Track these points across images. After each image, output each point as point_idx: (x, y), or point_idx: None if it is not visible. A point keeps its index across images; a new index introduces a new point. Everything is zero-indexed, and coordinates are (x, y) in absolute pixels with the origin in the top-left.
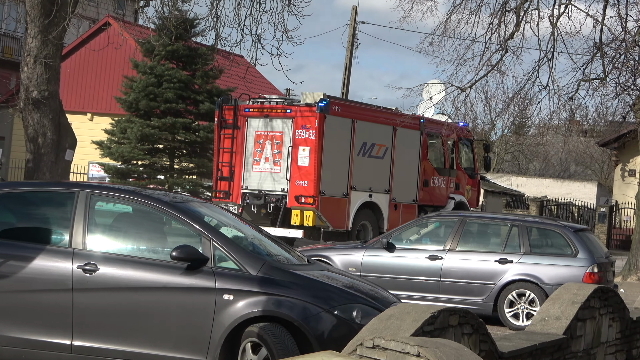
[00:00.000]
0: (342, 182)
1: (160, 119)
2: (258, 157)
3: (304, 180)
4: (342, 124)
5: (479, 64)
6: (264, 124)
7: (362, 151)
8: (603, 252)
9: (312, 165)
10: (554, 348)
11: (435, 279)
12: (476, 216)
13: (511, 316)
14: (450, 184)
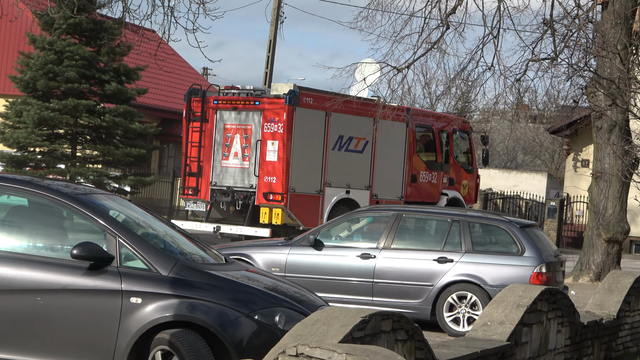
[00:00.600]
0: (315, 178)
1: (61, 100)
2: (227, 152)
3: (273, 177)
4: (314, 117)
5: (417, 41)
6: (233, 117)
7: (337, 145)
8: (552, 250)
9: (281, 160)
10: (497, 356)
11: (367, 280)
12: (413, 210)
13: (451, 321)
14: (444, 179)
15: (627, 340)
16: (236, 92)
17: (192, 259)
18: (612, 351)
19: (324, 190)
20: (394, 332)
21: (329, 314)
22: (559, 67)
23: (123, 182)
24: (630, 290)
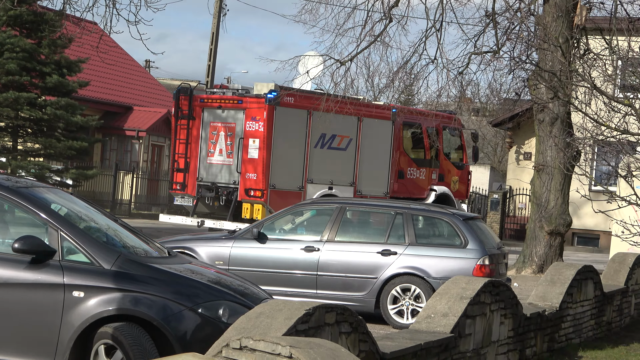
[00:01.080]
0: (297, 175)
1: (1, 93)
2: (212, 149)
3: (254, 173)
4: (296, 115)
5: (360, 34)
6: (218, 115)
7: (320, 143)
8: (495, 242)
9: (262, 157)
10: (440, 348)
11: (311, 272)
12: (357, 203)
13: (395, 313)
14: (432, 175)
15: (570, 332)
16: (221, 91)
17: (135, 253)
18: (555, 342)
19: (306, 186)
20: (338, 324)
21: (272, 307)
22: (501, 60)
23: (65, 175)
24: (572, 282)
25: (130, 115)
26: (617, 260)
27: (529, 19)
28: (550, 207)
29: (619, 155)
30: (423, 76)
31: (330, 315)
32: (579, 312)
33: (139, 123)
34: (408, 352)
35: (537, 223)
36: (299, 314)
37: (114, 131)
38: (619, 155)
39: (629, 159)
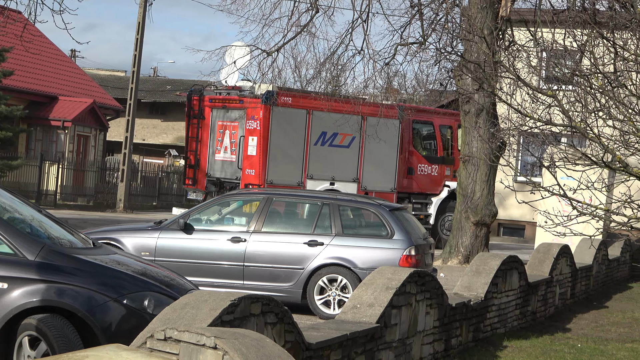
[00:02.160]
0: (296, 171)
1: None
2: (219, 146)
3: (252, 169)
4: (294, 115)
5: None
6: (223, 115)
7: (320, 141)
8: (421, 233)
9: (259, 154)
10: (366, 338)
11: (238, 263)
12: (283, 194)
13: (322, 304)
14: (446, 171)
15: (495, 322)
16: (227, 92)
17: (60, 244)
18: (480, 332)
19: (305, 182)
20: (264, 315)
21: (198, 298)
22: (427, 52)
23: None
24: (497, 272)
25: (55, 105)
26: (542, 251)
27: (454, 10)
28: (476, 197)
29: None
30: (350, 67)
31: (255, 305)
32: (504, 302)
33: (64, 113)
34: (334, 342)
35: (463, 214)
36: (224, 305)
37: (39, 121)
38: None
39: (553, 150)
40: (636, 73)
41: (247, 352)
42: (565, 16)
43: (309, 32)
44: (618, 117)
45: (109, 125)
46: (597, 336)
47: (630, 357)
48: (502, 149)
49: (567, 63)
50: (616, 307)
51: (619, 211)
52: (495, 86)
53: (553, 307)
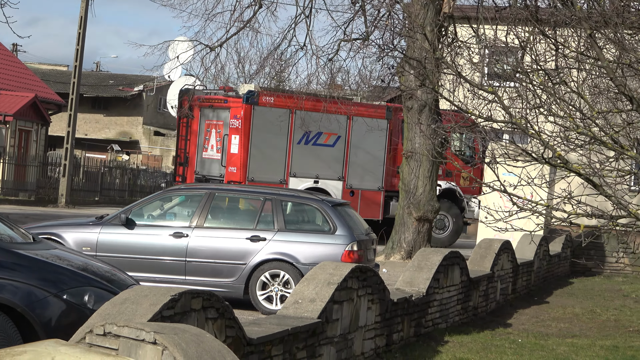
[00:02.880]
0: (278, 169)
1: None
2: (206, 145)
3: (234, 167)
4: (276, 114)
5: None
6: (210, 114)
7: (304, 140)
8: (363, 228)
9: (241, 152)
10: (307, 333)
11: (180, 259)
12: (226, 189)
13: (264, 299)
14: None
15: (437, 317)
16: (214, 92)
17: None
18: (422, 327)
19: (288, 180)
20: (205, 310)
21: (138, 293)
22: (371, 48)
23: None
24: (439, 267)
25: None
26: (484, 246)
27: (396, 7)
28: (419, 193)
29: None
30: (293, 63)
31: (196, 301)
32: (446, 297)
33: (5, 107)
34: (275, 338)
35: (406, 209)
36: (165, 300)
37: None
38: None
39: (494, 146)
40: (577, 70)
41: (187, 348)
42: (507, 13)
43: (252, 27)
44: (559, 114)
45: (50, 120)
46: (538, 331)
47: (570, 352)
48: (444, 145)
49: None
50: (557, 302)
51: (559, 207)
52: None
53: (494, 303)
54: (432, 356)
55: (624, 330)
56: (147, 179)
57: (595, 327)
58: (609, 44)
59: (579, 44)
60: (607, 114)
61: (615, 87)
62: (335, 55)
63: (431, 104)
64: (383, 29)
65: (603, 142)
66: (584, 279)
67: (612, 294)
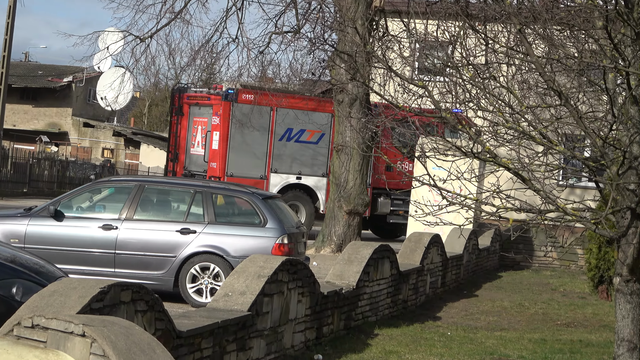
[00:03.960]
0: (259, 165)
1: None
2: (193, 141)
3: (215, 162)
4: (257, 112)
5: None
6: (197, 112)
7: (286, 137)
8: (294, 221)
9: (220, 148)
10: (237, 326)
11: (109, 251)
12: (156, 181)
13: (194, 292)
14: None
15: (367, 310)
16: (200, 90)
17: None
18: (352, 320)
19: (269, 176)
20: (134, 303)
21: (67, 285)
22: (302, 41)
23: None
24: (369, 260)
25: None
26: (413, 240)
27: (327, 0)
28: (349, 187)
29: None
30: (224, 55)
31: (125, 293)
32: (376, 291)
33: None
34: (205, 330)
35: (336, 203)
36: (94, 292)
37: None
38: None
39: (423, 140)
40: (507, 65)
41: (116, 340)
42: (438, 7)
43: (183, 19)
44: (488, 108)
45: None
46: (467, 324)
47: (499, 345)
48: (375, 139)
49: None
50: (486, 295)
51: (488, 201)
52: (367, 77)
53: (424, 296)
54: (362, 349)
55: (551, 324)
56: (77, 170)
57: (523, 321)
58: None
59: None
60: (536, 109)
61: (544, 82)
62: (266, 48)
63: (362, 98)
64: (314, 22)
65: (532, 137)
66: (513, 272)
67: (541, 287)
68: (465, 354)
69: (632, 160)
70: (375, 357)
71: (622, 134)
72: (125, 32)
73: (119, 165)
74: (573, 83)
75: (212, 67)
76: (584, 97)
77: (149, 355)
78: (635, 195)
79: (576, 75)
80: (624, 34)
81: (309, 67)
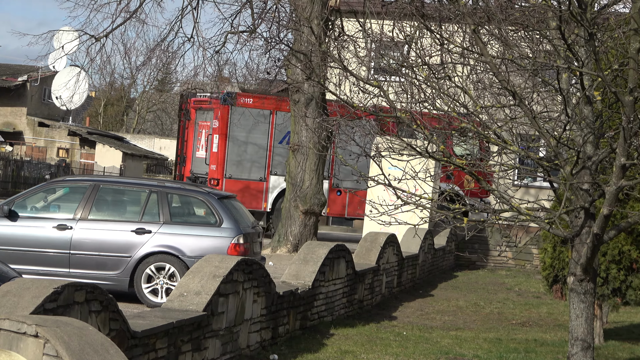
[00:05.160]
0: (258, 168)
1: None
2: (198, 144)
3: (214, 165)
4: (256, 115)
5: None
6: (202, 116)
7: (286, 140)
8: (250, 221)
9: (220, 151)
10: (193, 326)
11: (64, 251)
12: (111, 181)
13: (149, 292)
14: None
15: (322, 310)
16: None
17: None
18: (308, 320)
19: (269, 178)
20: (88, 303)
21: (20, 285)
22: (258, 40)
23: None
24: (325, 260)
25: None
26: (369, 240)
27: (283, 0)
28: (305, 187)
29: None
30: (180, 54)
31: (79, 293)
32: (332, 291)
33: None
34: (160, 331)
35: (293, 203)
36: (47, 293)
37: None
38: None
39: (379, 140)
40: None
41: (70, 341)
42: (393, 8)
43: (138, 18)
44: (443, 108)
45: None
46: (423, 324)
47: (454, 344)
48: (330, 139)
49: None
50: (441, 295)
51: (442, 201)
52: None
53: (380, 296)
54: (317, 349)
55: (507, 323)
56: (31, 170)
57: (478, 320)
58: (493, 40)
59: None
60: (490, 109)
61: (499, 82)
62: (222, 47)
63: (318, 98)
64: (270, 21)
65: (486, 137)
66: (469, 272)
67: (496, 287)
68: (421, 353)
69: (585, 160)
70: (330, 356)
71: (576, 134)
72: (81, 31)
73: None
74: (527, 83)
75: (167, 67)
76: (538, 97)
77: (102, 355)
78: (589, 195)
79: (530, 76)
80: (577, 34)
81: (265, 67)
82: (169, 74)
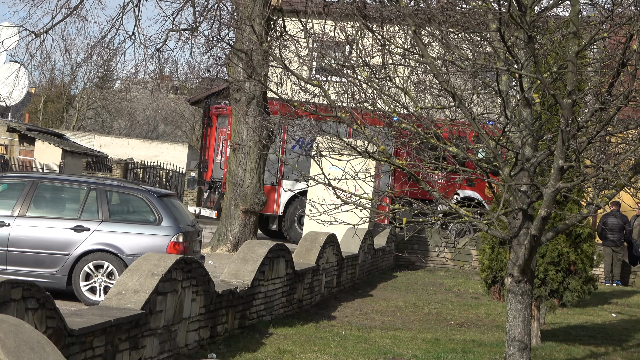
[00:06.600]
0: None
1: None
2: (218, 150)
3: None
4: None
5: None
6: (221, 122)
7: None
8: (189, 220)
9: None
10: (130, 324)
11: (1, 248)
12: (50, 178)
13: (87, 290)
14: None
15: (261, 309)
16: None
17: None
18: (247, 319)
19: (281, 182)
20: (24, 300)
21: None
22: (199, 39)
23: None
24: (264, 259)
25: None
26: (309, 239)
27: None
28: (246, 186)
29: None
30: (121, 51)
31: (16, 291)
32: (271, 290)
33: None
34: (97, 329)
35: (233, 202)
36: None
37: None
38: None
39: (319, 140)
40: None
41: (5, 338)
42: (335, 8)
43: (78, 14)
44: (383, 109)
45: None
46: (362, 324)
47: (393, 344)
48: (271, 138)
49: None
50: (381, 295)
51: (382, 201)
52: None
53: (319, 295)
54: (256, 348)
55: (445, 324)
56: None
57: (417, 320)
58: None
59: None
60: (430, 110)
61: (439, 83)
62: (163, 45)
63: (259, 97)
64: (212, 20)
65: (426, 138)
66: (408, 272)
67: (435, 287)
68: (359, 353)
69: (524, 162)
70: (269, 356)
71: (515, 136)
72: (20, 26)
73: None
74: (467, 85)
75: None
76: (478, 99)
77: (38, 353)
78: (527, 196)
79: (470, 77)
80: (517, 37)
81: (206, 65)
82: (109, 71)
